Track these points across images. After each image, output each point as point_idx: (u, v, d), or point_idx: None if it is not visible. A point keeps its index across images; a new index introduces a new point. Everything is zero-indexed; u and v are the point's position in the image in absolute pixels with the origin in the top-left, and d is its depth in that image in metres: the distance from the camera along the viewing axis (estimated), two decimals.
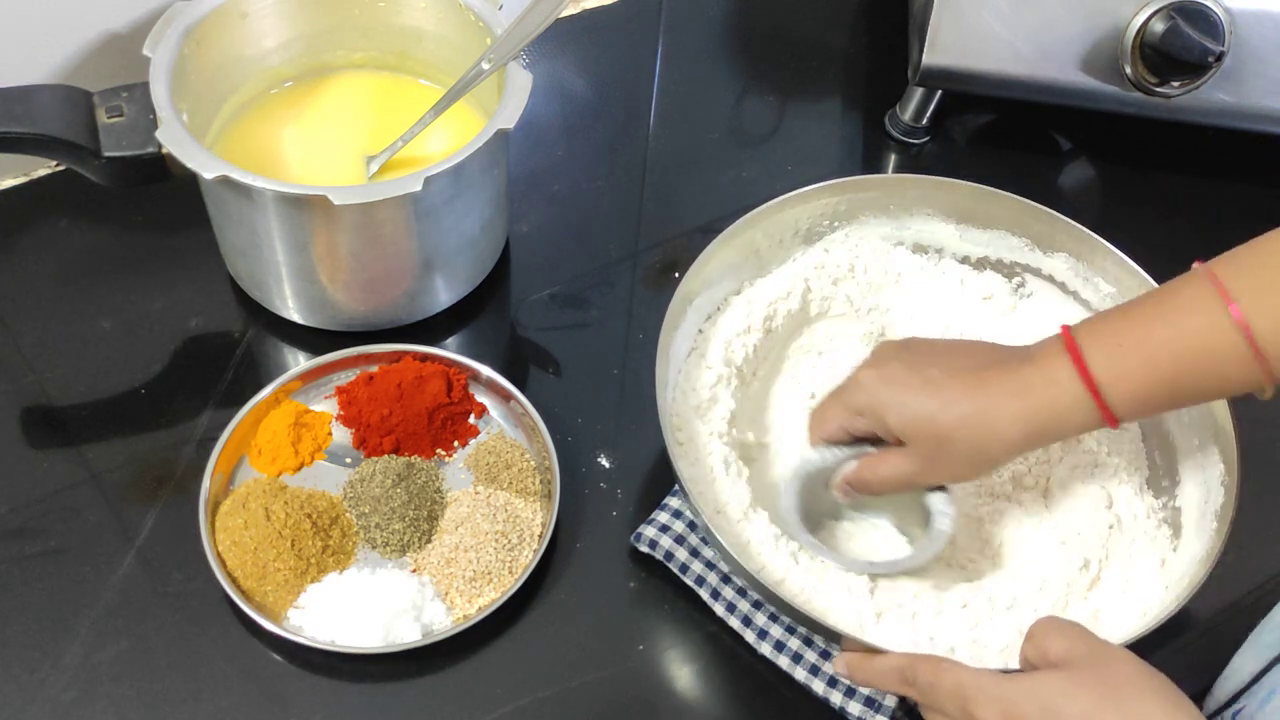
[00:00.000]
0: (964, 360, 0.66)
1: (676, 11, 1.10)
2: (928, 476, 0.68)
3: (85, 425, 0.78)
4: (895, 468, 0.68)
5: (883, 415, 0.67)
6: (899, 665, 0.60)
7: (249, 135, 0.85)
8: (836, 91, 1.06)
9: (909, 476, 0.68)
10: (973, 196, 0.81)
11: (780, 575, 0.68)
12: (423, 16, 0.86)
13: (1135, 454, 0.76)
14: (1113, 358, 0.63)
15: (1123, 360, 0.62)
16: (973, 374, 0.65)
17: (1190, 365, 0.62)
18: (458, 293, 0.85)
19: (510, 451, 0.76)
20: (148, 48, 0.77)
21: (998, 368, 0.65)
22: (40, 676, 0.67)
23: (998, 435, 0.65)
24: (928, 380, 0.66)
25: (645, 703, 0.69)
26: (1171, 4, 0.84)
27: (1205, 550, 0.67)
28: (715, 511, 0.70)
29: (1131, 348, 0.62)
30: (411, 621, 0.69)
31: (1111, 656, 0.54)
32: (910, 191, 0.81)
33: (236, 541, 0.70)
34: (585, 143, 0.99)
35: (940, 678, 0.57)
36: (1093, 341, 0.63)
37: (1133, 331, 0.63)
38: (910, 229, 0.82)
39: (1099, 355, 0.63)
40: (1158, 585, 0.69)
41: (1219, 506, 0.69)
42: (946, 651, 0.67)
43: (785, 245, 0.81)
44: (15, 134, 0.71)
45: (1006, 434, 0.64)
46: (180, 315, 0.84)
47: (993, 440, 0.65)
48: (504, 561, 0.72)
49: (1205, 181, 1.00)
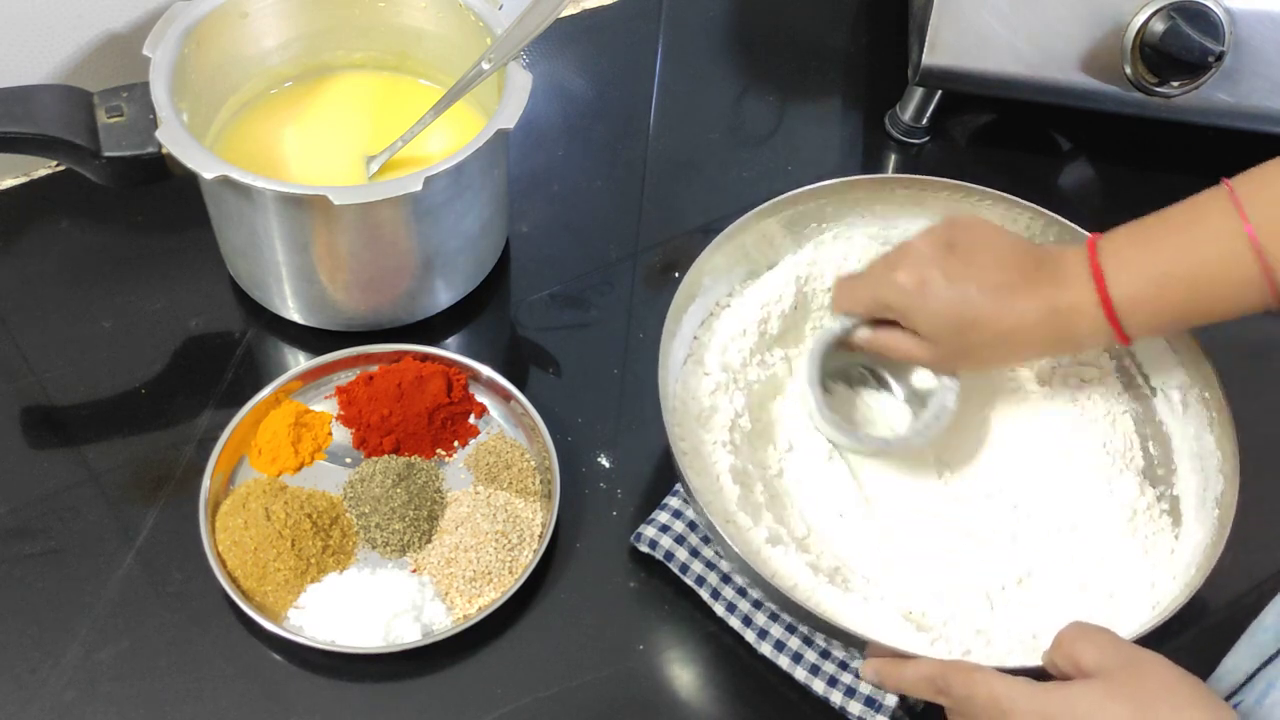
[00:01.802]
0: (998, 275, 0.68)
1: (676, 11, 1.10)
2: (942, 369, 0.73)
3: (85, 425, 0.78)
4: (913, 351, 0.71)
5: (913, 320, 0.70)
6: (930, 674, 0.60)
7: (249, 135, 0.85)
8: (836, 91, 1.06)
9: (924, 361, 0.72)
10: (959, 194, 0.81)
11: (792, 581, 0.68)
12: (423, 16, 0.86)
13: (1129, 444, 0.77)
14: (1133, 283, 0.66)
15: (1143, 286, 0.66)
16: (1006, 293, 0.68)
17: (1205, 290, 0.65)
18: (458, 293, 0.85)
19: (510, 451, 0.76)
20: (148, 48, 0.77)
21: (1027, 290, 0.68)
22: (40, 676, 0.67)
23: (1018, 353, 0.73)
24: (963, 298, 0.68)
25: (645, 703, 0.69)
26: (1171, 4, 0.84)
27: (1209, 538, 0.68)
28: (725, 521, 0.70)
29: (1151, 273, 0.65)
30: (411, 621, 0.69)
31: (1145, 663, 0.55)
32: (898, 191, 0.81)
33: (236, 541, 0.70)
34: (585, 143, 0.99)
35: (975, 689, 0.58)
36: (1116, 266, 0.66)
37: (1154, 256, 0.66)
38: (898, 228, 0.83)
39: (1120, 279, 0.66)
40: (1165, 575, 0.70)
41: (1219, 494, 0.70)
42: (959, 653, 0.67)
43: (776, 247, 0.81)
44: (15, 134, 0.71)
45: (1026, 353, 0.73)
46: (180, 315, 0.84)
47: (1012, 356, 0.74)
48: (504, 561, 0.72)
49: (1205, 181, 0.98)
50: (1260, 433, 0.72)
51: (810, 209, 0.81)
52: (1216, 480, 0.71)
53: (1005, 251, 0.70)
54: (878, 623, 0.68)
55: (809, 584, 0.68)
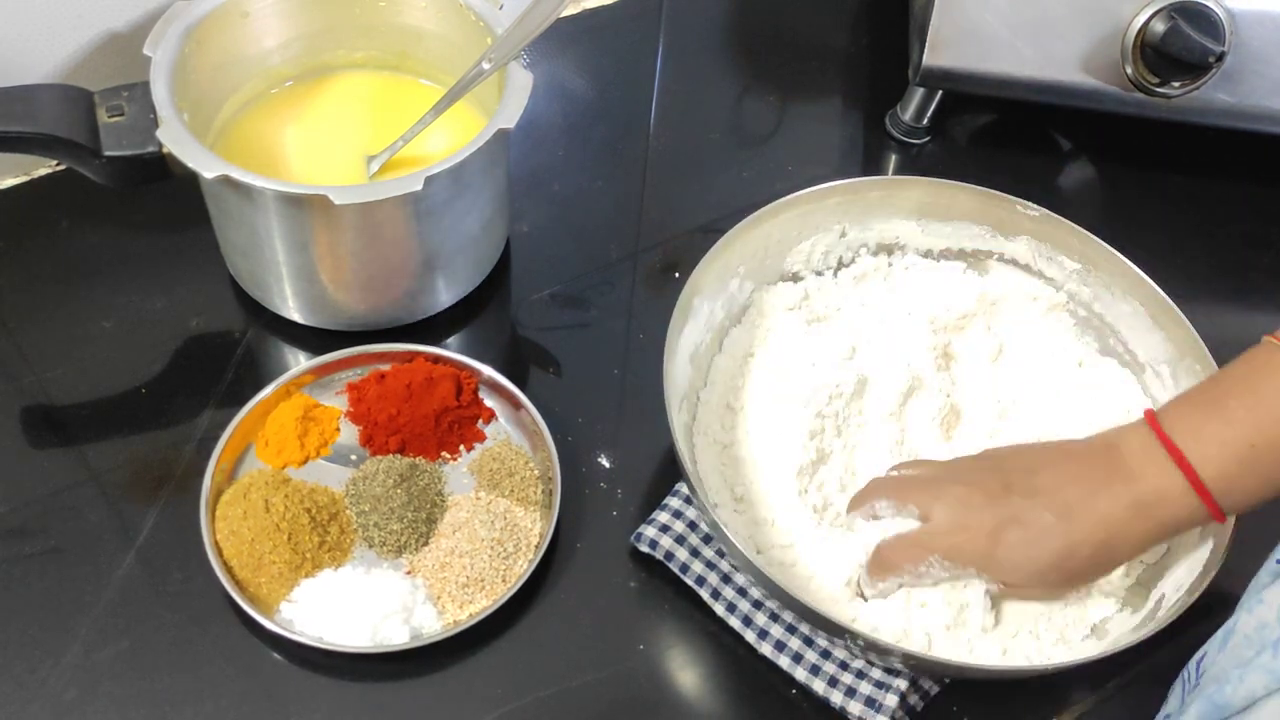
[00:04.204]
0: (1072, 491, 0.64)
1: (676, 11, 1.10)
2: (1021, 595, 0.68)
3: (85, 425, 0.78)
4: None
5: (999, 577, 0.65)
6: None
7: (249, 135, 0.85)
8: (837, 91, 1.06)
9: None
10: (933, 191, 0.81)
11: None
12: (423, 16, 0.86)
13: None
14: (1221, 459, 0.61)
15: (1230, 462, 0.61)
16: (1087, 505, 0.63)
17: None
18: (458, 292, 0.85)
19: (514, 459, 0.76)
20: (148, 47, 0.77)
21: (1105, 492, 0.63)
22: (41, 675, 0.67)
23: (1115, 560, 0.66)
24: (1051, 533, 0.63)
25: (645, 703, 0.69)
26: (1172, 4, 0.84)
27: None
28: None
29: (1236, 448, 0.61)
30: (400, 624, 0.68)
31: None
32: (872, 192, 0.81)
33: (234, 531, 0.70)
34: (585, 143, 0.99)
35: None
36: (1195, 443, 0.62)
37: (1232, 428, 0.61)
38: (873, 229, 0.83)
39: (1205, 455, 0.62)
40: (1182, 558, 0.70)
41: None
42: (936, 629, 0.68)
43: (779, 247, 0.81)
44: (16, 133, 0.71)
45: (1123, 555, 0.65)
46: (180, 315, 0.84)
47: (1110, 565, 0.66)
48: (498, 570, 0.71)
49: (1205, 181, 1.00)
50: None
51: (814, 210, 0.81)
52: None
53: (1061, 461, 0.66)
54: (879, 622, 0.68)
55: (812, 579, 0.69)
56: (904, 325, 0.81)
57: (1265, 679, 0.51)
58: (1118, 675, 0.72)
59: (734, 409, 0.77)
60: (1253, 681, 0.51)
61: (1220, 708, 0.53)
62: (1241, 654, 0.54)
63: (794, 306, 0.82)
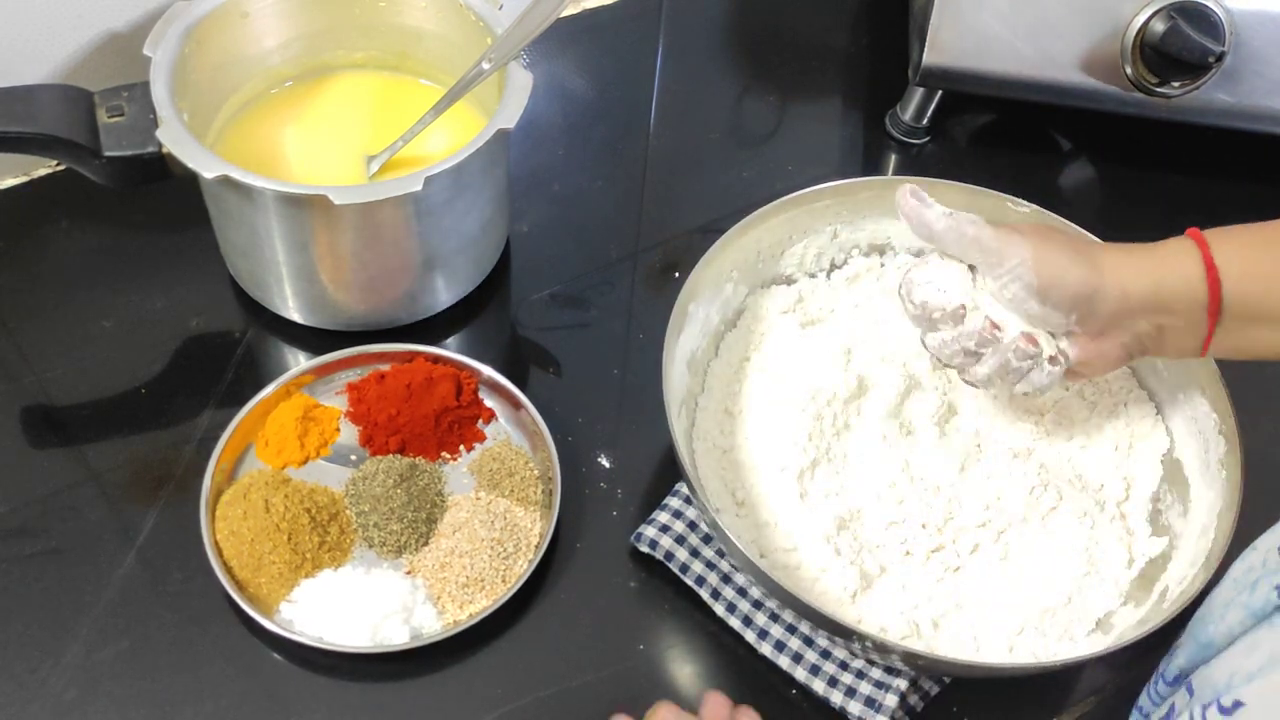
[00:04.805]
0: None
1: (676, 11, 1.10)
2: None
3: (85, 425, 0.78)
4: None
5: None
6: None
7: (249, 135, 0.85)
8: (837, 91, 1.06)
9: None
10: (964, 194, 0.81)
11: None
12: (423, 16, 0.86)
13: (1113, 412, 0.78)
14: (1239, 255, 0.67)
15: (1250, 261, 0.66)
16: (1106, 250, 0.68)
17: None
18: (458, 292, 0.85)
19: (514, 459, 0.76)
20: (148, 47, 0.77)
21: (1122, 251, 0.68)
22: (41, 675, 0.67)
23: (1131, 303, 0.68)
24: (1076, 246, 0.67)
25: (645, 703, 0.69)
26: (1172, 4, 0.84)
27: (1223, 500, 0.69)
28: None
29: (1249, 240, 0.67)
30: (400, 624, 0.69)
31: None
32: (861, 193, 0.81)
33: (234, 531, 0.70)
34: (585, 143, 0.99)
35: None
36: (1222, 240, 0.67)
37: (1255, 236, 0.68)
38: (864, 230, 0.83)
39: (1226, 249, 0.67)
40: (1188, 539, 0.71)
41: (1222, 454, 0.70)
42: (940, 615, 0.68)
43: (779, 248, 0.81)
44: (16, 134, 0.71)
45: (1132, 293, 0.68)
46: (180, 315, 0.84)
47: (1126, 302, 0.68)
48: (498, 570, 0.71)
49: (1205, 181, 1.00)
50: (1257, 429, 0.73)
51: (813, 210, 0.81)
52: (1217, 442, 0.71)
53: None
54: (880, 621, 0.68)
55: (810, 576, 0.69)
56: (898, 326, 0.81)
57: (1241, 615, 0.52)
58: (1117, 674, 0.72)
59: (732, 414, 0.77)
60: (1231, 619, 0.53)
61: (1204, 646, 0.54)
62: (1226, 595, 0.55)
63: (788, 310, 0.82)
